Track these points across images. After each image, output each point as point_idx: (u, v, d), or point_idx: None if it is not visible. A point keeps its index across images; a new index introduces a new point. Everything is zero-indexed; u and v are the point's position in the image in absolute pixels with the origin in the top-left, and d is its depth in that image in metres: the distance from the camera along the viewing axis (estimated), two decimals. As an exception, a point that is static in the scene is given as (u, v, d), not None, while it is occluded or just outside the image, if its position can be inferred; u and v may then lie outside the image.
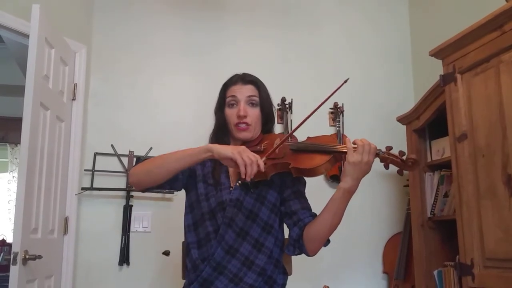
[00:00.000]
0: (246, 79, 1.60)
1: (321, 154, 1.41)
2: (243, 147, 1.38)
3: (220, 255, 1.46)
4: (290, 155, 1.45)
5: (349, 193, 1.37)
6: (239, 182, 1.42)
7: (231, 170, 1.58)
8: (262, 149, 1.52)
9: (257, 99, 1.58)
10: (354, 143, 1.36)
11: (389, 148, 1.39)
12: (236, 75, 1.64)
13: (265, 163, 1.41)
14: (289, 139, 1.50)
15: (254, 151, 1.49)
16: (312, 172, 1.41)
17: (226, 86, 1.62)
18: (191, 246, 1.55)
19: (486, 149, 1.89)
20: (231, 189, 1.53)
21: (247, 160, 1.32)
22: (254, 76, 1.63)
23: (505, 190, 1.78)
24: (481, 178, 1.91)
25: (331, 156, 1.40)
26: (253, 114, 1.56)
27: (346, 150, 1.37)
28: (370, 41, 3.34)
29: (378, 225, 3.09)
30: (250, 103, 1.57)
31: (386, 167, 1.40)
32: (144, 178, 1.47)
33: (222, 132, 1.60)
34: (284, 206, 1.55)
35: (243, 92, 1.57)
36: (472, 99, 1.98)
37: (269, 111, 1.63)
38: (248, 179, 1.33)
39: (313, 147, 1.44)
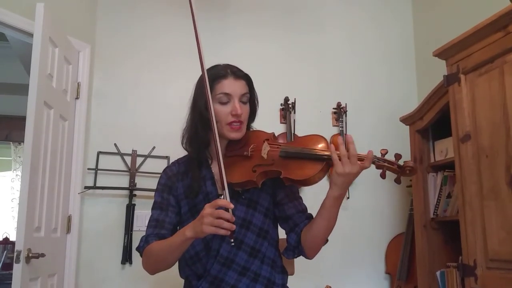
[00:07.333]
0: (237, 74, 1.46)
1: (313, 161, 1.29)
2: (205, 211, 1.23)
3: (216, 269, 1.41)
4: (279, 162, 1.34)
5: (339, 199, 1.31)
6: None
7: (217, 176, 1.46)
8: (249, 155, 1.41)
9: (249, 96, 1.48)
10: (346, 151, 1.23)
11: (384, 151, 1.25)
12: (222, 66, 1.49)
13: (255, 171, 1.34)
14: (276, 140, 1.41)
15: (240, 156, 1.42)
16: (306, 183, 1.30)
17: (214, 80, 1.44)
18: (182, 263, 1.52)
19: (490, 150, 1.88)
20: (221, 197, 1.40)
21: (218, 223, 1.20)
22: (243, 71, 1.50)
23: (509, 190, 1.77)
24: (484, 179, 1.91)
25: (324, 164, 1.28)
26: (245, 112, 1.46)
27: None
28: (374, 41, 3.34)
29: (381, 226, 3.08)
30: (241, 101, 1.45)
31: (383, 176, 1.27)
32: (158, 271, 1.53)
33: (204, 130, 1.44)
34: (278, 210, 1.48)
35: (236, 89, 1.43)
36: (476, 99, 1.98)
37: (256, 108, 1.54)
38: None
39: (303, 154, 1.31)
